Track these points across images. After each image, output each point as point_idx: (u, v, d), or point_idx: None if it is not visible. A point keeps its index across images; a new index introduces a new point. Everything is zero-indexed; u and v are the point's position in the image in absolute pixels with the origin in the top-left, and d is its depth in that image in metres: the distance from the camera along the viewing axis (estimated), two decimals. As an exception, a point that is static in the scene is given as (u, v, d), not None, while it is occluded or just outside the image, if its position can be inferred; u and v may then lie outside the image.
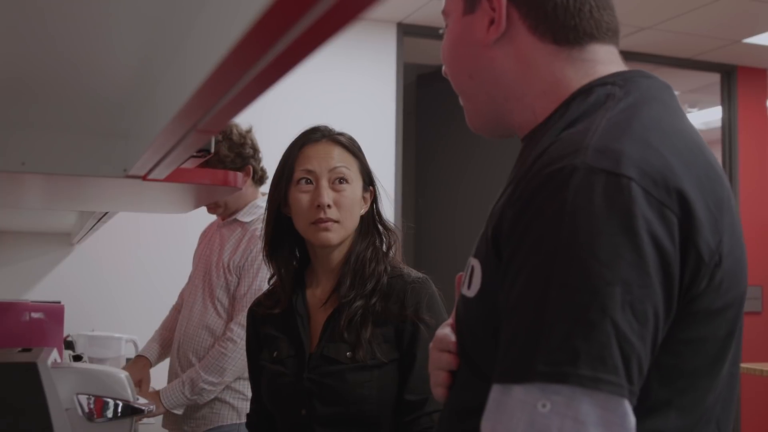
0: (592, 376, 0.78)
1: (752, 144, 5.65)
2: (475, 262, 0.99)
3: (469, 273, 1.00)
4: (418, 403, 1.61)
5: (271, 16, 0.45)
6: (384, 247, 1.74)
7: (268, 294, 1.82)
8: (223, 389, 2.58)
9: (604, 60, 1.02)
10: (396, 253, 1.78)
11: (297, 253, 1.78)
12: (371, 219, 1.76)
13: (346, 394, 1.61)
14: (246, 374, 2.58)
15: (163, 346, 2.93)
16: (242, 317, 2.50)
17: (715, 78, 5.69)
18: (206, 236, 2.89)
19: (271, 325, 1.76)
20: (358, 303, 1.65)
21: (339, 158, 1.71)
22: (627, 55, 1.07)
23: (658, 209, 0.82)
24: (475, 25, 1.03)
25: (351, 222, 1.70)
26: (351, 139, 1.77)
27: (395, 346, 1.64)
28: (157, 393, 2.58)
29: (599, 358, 0.78)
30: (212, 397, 2.56)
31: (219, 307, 2.62)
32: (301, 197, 1.68)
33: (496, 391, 0.84)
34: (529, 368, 0.80)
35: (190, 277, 2.90)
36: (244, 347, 2.49)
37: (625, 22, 4.67)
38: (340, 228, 1.68)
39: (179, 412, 2.56)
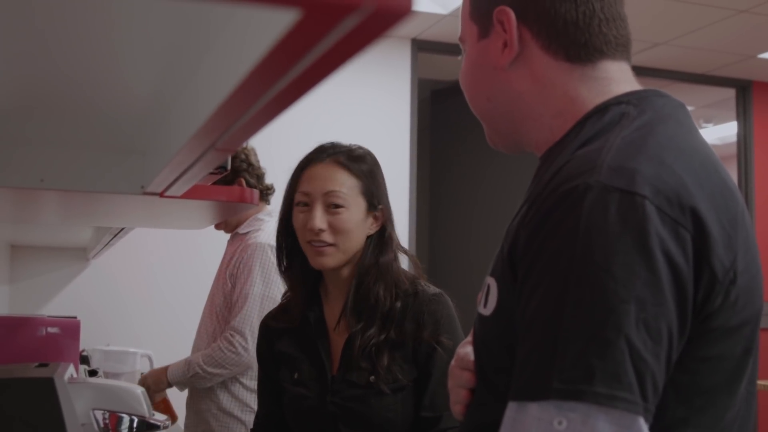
0: (608, 394, 0.78)
1: (767, 159, 5.62)
2: (491, 281, 0.99)
3: (485, 292, 1.00)
4: (433, 420, 1.61)
5: (292, 37, 0.46)
6: (393, 269, 1.70)
7: (281, 309, 1.81)
8: (231, 401, 2.62)
9: (618, 78, 1.03)
10: (414, 270, 1.77)
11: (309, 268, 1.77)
12: (380, 240, 1.71)
13: (371, 417, 1.61)
14: (251, 385, 2.61)
15: None
16: (239, 322, 2.58)
17: (730, 93, 5.67)
18: None
19: (287, 341, 1.74)
20: (370, 332, 1.64)
21: (337, 181, 1.67)
22: (641, 71, 1.07)
23: (672, 227, 0.82)
24: (489, 49, 1.05)
25: (350, 244, 1.67)
26: (359, 158, 1.73)
27: (414, 365, 1.64)
28: (165, 369, 2.71)
29: (614, 375, 0.78)
30: (206, 385, 2.63)
31: (220, 315, 2.71)
32: (299, 217, 1.69)
33: (511, 409, 0.85)
34: (545, 385, 0.80)
35: None
36: (242, 355, 2.53)
37: (640, 38, 4.67)
38: (336, 252, 1.65)
39: (180, 389, 2.69)
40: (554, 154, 1.00)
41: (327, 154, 1.72)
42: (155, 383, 2.70)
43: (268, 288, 2.61)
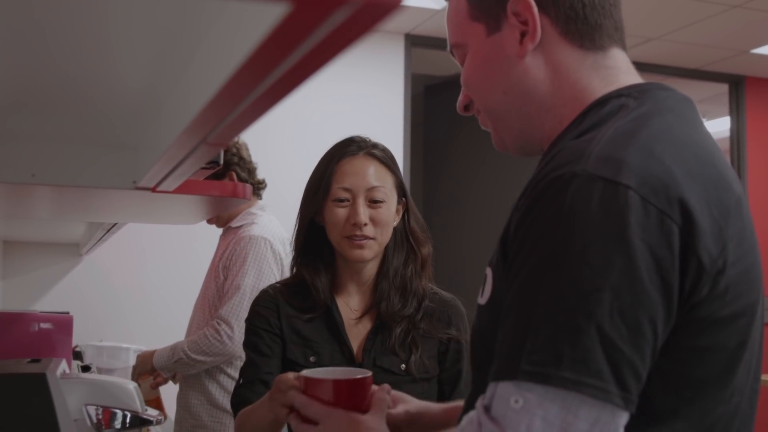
0: (574, 380, 0.79)
1: (760, 154, 5.63)
2: (488, 271, 1.00)
3: (483, 282, 1.01)
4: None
5: (282, 31, 0.46)
6: (419, 262, 1.76)
7: (293, 292, 1.75)
8: (224, 395, 2.63)
9: (625, 68, 1.04)
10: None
11: (327, 260, 1.77)
12: (404, 232, 1.76)
13: None
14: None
15: None
16: (226, 311, 2.59)
17: (723, 88, 5.69)
18: None
19: (302, 323, 1.72)
20: (405, 321, 1.69)
21: (376, 176, 1.71)
22: (635, 66, 1.08)
23: (657, 217, 0.82)
24: (504, 42, 1.04)
25: (385, 237, 1.71)
26: (385, 151, 1.77)
27: (437, 362, 1.70)
28: (153, 353, 2.74)
29: (583, 362, 0.79)
30: (190, 371, 2.65)
31: (212, 307, 2.72)
32: (338, 212, 1.68)
33: (489, 389, 0.87)
34: (515, 367, 0.82)
35: None
36: (227, 344, 2.54)
37: (633, 33, 4.67)
38: (374, 244, 1.69)
39: (165, 373, 2.71)
40: (555, 145, 1.01)
41: (359, 147, 1.74)
42: (141, 363, 2.73)
43: (260, 280, 2.61)
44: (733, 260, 0.87)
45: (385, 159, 1.74)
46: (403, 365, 1.66)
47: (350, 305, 1.74)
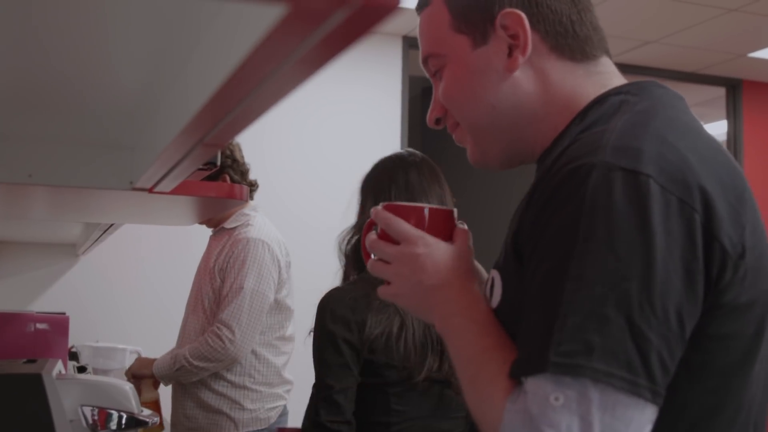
0: (605, 371, 0.78)
1: (758, 158, 5.64)
2: (495, 274, 0.99)
3: (489, 285, 1.00)
4: None
5: (280, 32, 0.46)
6: None
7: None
8: (218, 398, 2.61)
9: (616, 73, 1.06)
10: None
11: None
12: None
13: None
14: (238, 380, 2.60)
15: None
16: (227, 315, 2.58)
17: (720, 92, 5.69)
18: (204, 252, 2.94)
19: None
20: None
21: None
22: (632, 69, 1.10)
23: (677, 205, 0.82)
24: (490, 56, 1.03)
25: None
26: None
27: None
28: (152, 360, 2.70)
29: (613, 352, 0.78)
30: (192, 379, 2.63)
31: (208, 310, 2.70)
32: None
33: (517, 387, 0.85)
34: (543, 359, 0.80)
35: None
36: (229, 348, 2.54)
37: (630, 36, 4.68)
38: None
39: (165, 383, 2.68)
40: (557, 144, 1.01)
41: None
42: (139, 367, 2.71)
43: (259, 283, 2.61)
44: (750, 245, 0.87)
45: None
46: None
47: None
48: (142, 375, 2.69)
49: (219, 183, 2.38)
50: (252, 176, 2.87)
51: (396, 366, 1.74)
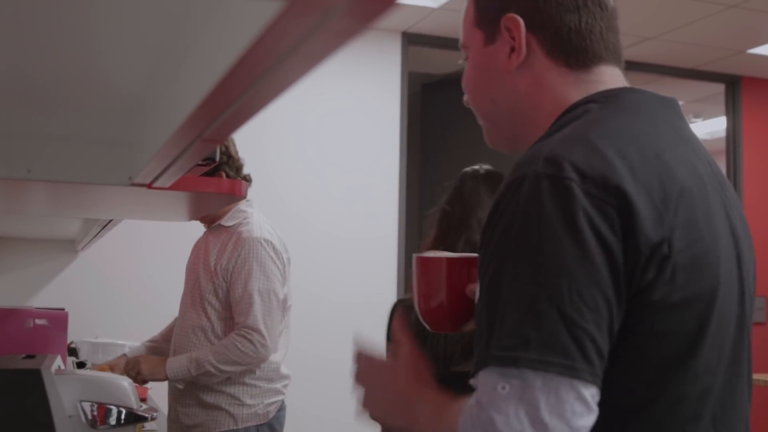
0: (541, 360, 0.86)
1: (757, 154, 5.65)
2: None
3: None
4: None
5: (278, 27, 0.46)
6: None
7: None
8: (220, 395, 2.61)
9: (608, 81, 1.09)
10: None
11: None
12: None
13: None
14: (244, 378, 2.61)
15: (151, 354, 3.00)
16: (253, 320, 2.57)
17: (719, 88, 5.69)
18: (196, 246, 2.92)
19: None
20: None
21: None
22: (631, 65, 1.10)
23: (599, 206, 0.90)
24: (496, 54, 1.11)
25: None
26: None
27: None
28: (162, 361, 2.65)
29: (548, 343, 0.86)
30: (212, 381, 2.61)
31: (210, 309, 2.67)
32: None
33: (474, 380, 0.93)
34: (488, 354, 0.89)
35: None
36: (261, 351, 2.54)
37: (630, 33, 4.68)
38: None
39: (181, 386, 2.63)
40: None
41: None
42: (150, 372, 2.65)
43: (270, 283, 2.62)
44: (681, 247, 0.92)
45: None
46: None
47: None
48: (156, 379, 2.65)
49: (220, 179, 2.36)
50: (250, 173, 2.86)
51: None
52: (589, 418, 0.87)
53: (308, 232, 4.52)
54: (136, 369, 2.66)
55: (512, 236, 0.91)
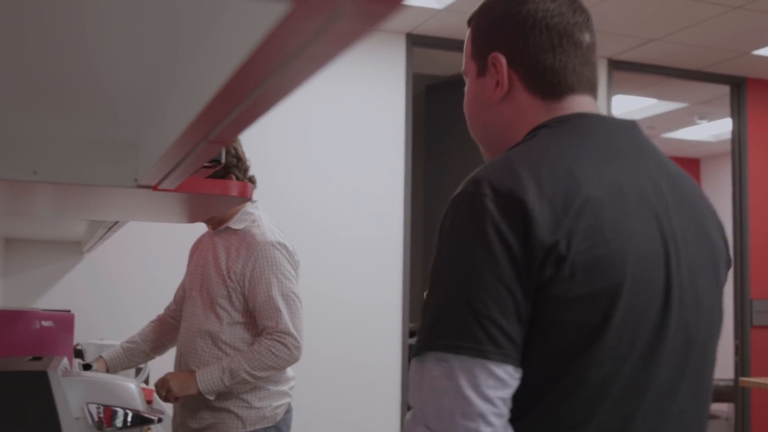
0: (456, 345, 1.06)
1: (762, 155, 5.64)
2: None
3: None
4: None
5: (284, 28, 0.46)
6: None
7: None
8: (228, 397, 2.60)
9: (573, 108, 1.24)
10: None
11: None
12: None
13: None
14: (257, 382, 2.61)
15: (128, 355, 3.00)
16: (284, 324, 2.58)
17: (725, 90, 5.69)
18: (197, 248, 2.91)
19: None
20: None
21: None
22: (635, 67, 1.12)
23: (505, 213, 1.07)
24: (485, 86, 1.28)
25: None
26: None
27: None
28: (192, 373, 2.61)
29: (460, 331, 1.06)
30: (247, 389, 2.61)
31: (221, 312, 2.66)
32: None
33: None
34: (421, 345, 1.10)
35: (182, 289, 3.00)
36: (295, 354, 2.56)
37: (635, 34, 4.67)
38: None
39: (212, 397, 2.60)
40: None
41: None
42: (181, 388, 2.60)
43: (289, 284, 2.63)
44: (580, 249, 1.07)
45: None
46: None
47: None
48: (188, 394, 2.61)
49: (227, 181, 2.35)
50: (255, 174, 2.86)
51: None
52: (505, 391, 1.06)
53: (313, 232, 4.52)
54: (165, 387, 2.62)
55: (441, 245, 1.12)
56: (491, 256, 1.06)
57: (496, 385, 1.05)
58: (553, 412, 1.10)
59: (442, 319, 1.08)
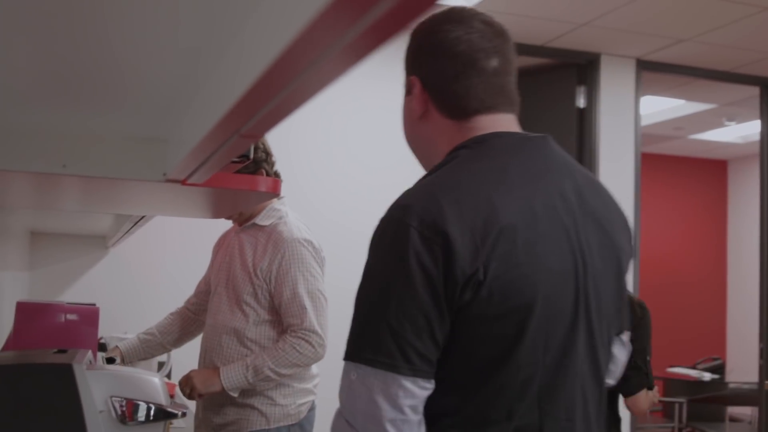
0: (372, 358, 1.19)
1: (791, 158, 5.56)
2: None
3: None
4: None
5: (325, 19, 0.45)
6: None
7: None
8: (252, 394, 2.60)
9: (487, 127, 1.33)
10: None
11: None
12: None
13: None
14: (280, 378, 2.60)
15: (145, 346, 2.99)
16: (309, 323, 2.58)
17: (754, 91, 5.62)
18: (222, 244, 2.90)
19: None
20: None
21: None
22: (665, 67, 1.11)
23: (428, 245, 1.17)
24: (410, 104, 1.40)
25: None
26: None
27: None
28: (216, 370, 2.61)
29: (376, 346, 1.19)
30: (271, 386, 2.61)
31: (247, 309, 2.65)
32: None
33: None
34: (346, 353, 1.23)
35: (204, 283, 3.01)
36: (319, 352, 2.55)
37: (664, 35, 4.63)
38: None
39: (235, 394, 2.60)
40: None
41: None
42: (205, 385, 2.60)
43: (315, 281, 2.62)
44: (497, 274, 1.18)
45: None
46: None
47: None
48: (212, 392, 2.61)
49: (257, 176, 2.33)
50: (278, 170, 2.85)
51: None
52: (415, 400, 1.19)
53: (335, 230, 4.52)
54: (189, 385, 2.62)
55: (369, 264, 1.24)
56: (411, 284, 1.17)
57: (406, 395, 1.19)
58: (479, 411, 1.23)
59: (365, 334, 1.21)
